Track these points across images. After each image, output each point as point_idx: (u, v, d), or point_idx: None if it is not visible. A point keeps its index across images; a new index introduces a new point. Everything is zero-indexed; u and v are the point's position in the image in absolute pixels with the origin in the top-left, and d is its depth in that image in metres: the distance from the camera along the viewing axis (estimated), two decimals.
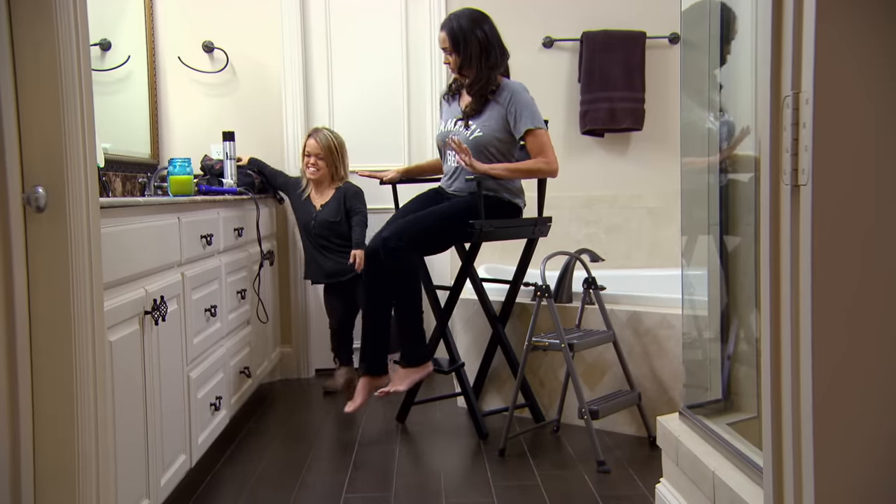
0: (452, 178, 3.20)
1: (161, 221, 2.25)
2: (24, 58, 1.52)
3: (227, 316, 2.95)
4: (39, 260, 1.55)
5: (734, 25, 2.18)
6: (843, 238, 1.23)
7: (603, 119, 4.06)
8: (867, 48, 1.22)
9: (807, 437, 1.24)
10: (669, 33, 4.10)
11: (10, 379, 1.51)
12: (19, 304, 1.52)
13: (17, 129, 1.53)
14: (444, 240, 3.13)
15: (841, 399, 1.24)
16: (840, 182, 1.22)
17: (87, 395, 1.60)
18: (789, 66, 1.27)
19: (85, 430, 1.59)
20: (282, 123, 4.08)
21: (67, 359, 1.56)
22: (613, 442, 3.01)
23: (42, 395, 1.56)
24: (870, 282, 1.24)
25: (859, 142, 1.23)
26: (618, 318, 3.09)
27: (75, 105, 1.57)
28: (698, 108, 2.36)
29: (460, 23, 3.07)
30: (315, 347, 4.20)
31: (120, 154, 3.43)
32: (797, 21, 1.25)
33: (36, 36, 1.52)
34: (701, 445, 1.96)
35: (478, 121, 3.09)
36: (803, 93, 1.23)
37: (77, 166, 1.57)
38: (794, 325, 1.27)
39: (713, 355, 2.28)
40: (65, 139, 1.54)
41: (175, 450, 2.33)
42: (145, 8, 3.88)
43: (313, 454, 2.96)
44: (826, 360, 1.23)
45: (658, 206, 4.18)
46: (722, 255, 2.24)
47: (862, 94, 1.23)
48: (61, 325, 1.56)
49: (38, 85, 1.52)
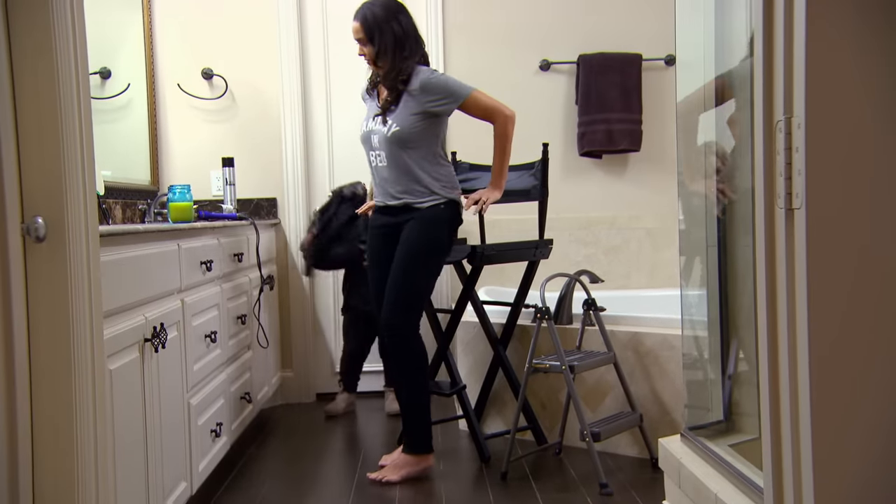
0: (384, 187, 2.97)
1: (161, 248, 2.26)
2: (23, 88, 1.54)
3: (227, 342, 2.95)
4: (39, 290, 1.55)
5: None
6: (837, 260, 1.24)
7: (601, 141, 4.08)
8: (858, 72, 1.24)
9: (806, 456, 1.25)
10: (665, 55, 4.13)
11: (8, 408, 1.51)
12: (18, 334, 1.52)
13: (17, 160, 1.53)
14: (431, 280, 2.98)
15: (840, 418, 1.25)
16: (833, 205, 1.24)
17: (87, 424, 1.60)
18: (781, 91, 1.29)
19: (85, 459, 1.58)
20: (281, 149, 4.11)
21: (67, 388, 1.56)
22: (616, 464, 3.00)
23: (41, 423, 1.56)
24: (864, 302, 1.25)
25: (852, 165, 1.24)
26: (618, 340, 3.09)
27: (75, 136, 1.58)
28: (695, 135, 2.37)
29: (374, 12, 2.87)
30: (316, 372, 4.19)
31: (120, 181, 3.44)
32: (788, 47, 1.27)
33: (35, 67, 1.53)
34: (703, 467, 1.96)
35: (393, 115, 2.88)
36: (795, 117, 1.25)
37: (76, 196, 1.58)
38: (791, 347, 1.28)
39: (714, 376, 2.28)
40: (64, 169, 1.55)
41: (176, 477, 2.32)
42: (145, 36, 3.91)
43: (315, 479, 2.95)
44: (824, 381, 1.24)
45: (657, 226, 4.19)
46: (721, 276, 2.25)
47: (853, 118, 1.24)
48: (61, 354, 1.56)
49: (37, 115, 1.53)
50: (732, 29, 2.20)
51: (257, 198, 4.10)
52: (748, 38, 2.04)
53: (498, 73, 4.15)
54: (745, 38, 2.09)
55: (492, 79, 4.14)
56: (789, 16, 1.26)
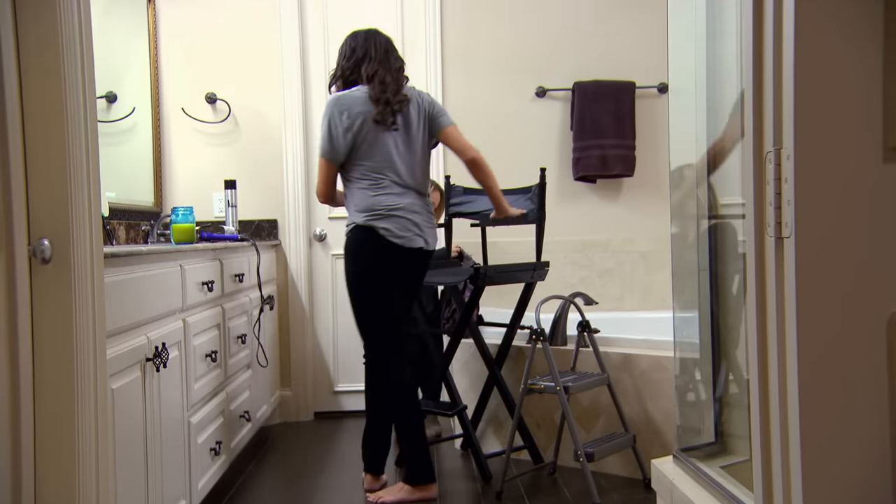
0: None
1: (164, 269, 2.29)
2: (32, 113, 1.55)
3: (227, 361, 2.97)
4: (44, 310, 1.56)
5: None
6: (826, 287, 1.26)
7: (595, 166, 4.14)
8: (847, 103, 1.26)
9: (796, 478, 1.27)
10: (658, 83, 4.20)
11: (13, 426, 1.53)
12: (23, 353, 1.54)
13: (25, 184, 1.55)
14: (364, 307, 2.86)
15: (828, 442, 1.27)
16: (823, 233, 1.26)
17: (89, 442, 1.61)
18: (770, 123, 1.32)
19: (87, 476, 1.60)
20: (282, 171, 4.15)
21: (70, 406, 1.57)
22: (609, 484, 3.02)
23: (44, 440, 1.57)
24: (852, 329, 1.27)
25: (841, 194, 1.27)
26: (612, 361, 3.12)
27: (81, 159, 1.60)
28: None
29: None
30: (314, 391, 4.22)
31: (124, 202, 3.48)
32: (777, 79, 1.30)
33: (43, 91, 1.55)
34: (695, 489, 1.98)
35: None
36: (784, 149, 1.28)
37: (82, 219, 1.60)
38: (780, 372, 1.31)
39: (706, 398, 2.31)
40: (71, 192, 1.57)
41: (175, 495, 2.34)
42: (150, 61, 3.97)
43: (313, 497, 2.97)
44: (813, 405, 1.26)
45: (650, 249, 4.24)
46: (712, 299, 2.28)
47: (842, 148, 1.27)
48: (64, 373, 1.58)
49: (45, 137, 1.55)
50: (723, 58, 2.25)
51: (258, 219, 4.14)
52: (739, 67, 2.09)
53: (495, 99, 4.23)
54: (736, 67, 2.14)
55: (489, 105, 4.22)
56: (778, 48, 1.29)
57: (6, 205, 1.51)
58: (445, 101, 4.18)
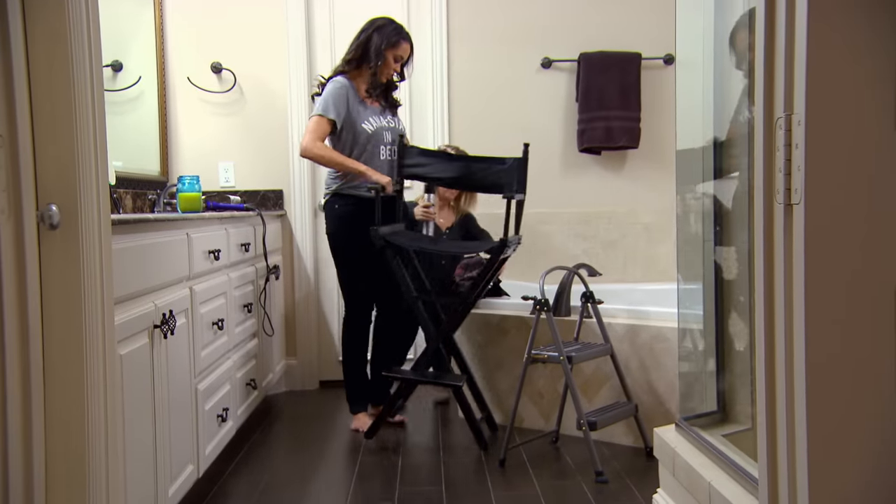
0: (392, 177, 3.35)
1: (170, 237, 2.30)
2: (38, 79, 1.55)
3: (233, 329, 2.99)
4: (52, 276, 1.57)
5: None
6: (835, 255, 1.25)
7: (600, 137, 4.12)
8: (859, 70, 1.25)
9: (801, 448, 1.26)
10: (664, 54, 4.17)
11: (23, 391, 1.54)
12: (33, 319, 1.54)
13: (32, 150, 1.55)
14: (360, 272, 3.42)
15: (835, 411, 1.26)
16: (832, 200, 1.25)
17: (98, 408, 1.62)
18: (781, 88, 1.30)
19: (95, 442, 1.61)
20: (287, 141, 4.14)
21: (79, 372, 1.58)
22: (611, 453, 3.05)
23: (53, 406, 1.58)
24: (862, 297, 1.26)
25: (851, 161, 1.25)
26: (615, 332, 3.13)
27: (88, 126, 1.60)
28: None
29: None
30: (320, 360, 4.24)
31: (131, 172, 3.48)
32: (789, 45, 1.28)
33: (51, 58, 1.54)
34: (697, 457, 1.99)
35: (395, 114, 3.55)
36: (795, 114, 1.26)
37: (90, 185, 1.60)
38: (787, 340, 1.30)
39: (708, 368, 2.32)
40: (78, 159, 1.56)
41: (183, 460, 2.37)
42: (156, 30, 3.95)
43: (318, 464, 3.00)
44: (820, 373, 1.26)
45: (653, 221, 4.23)
46: (716, 270, 2.28)
47: (853, 115, 1.25)
48: (73, 339, 1.58)
49: (52, 106, 1.54)
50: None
51: (264, 189, 4.14)
52: (747, 38, 2.07)
53: (501, 71, 4.20)
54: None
55: (495, 76, 4.20)
56: (791, 14, 1.28)
57: (14, 170, 1.50)
58: (450, 72, 4.17)
